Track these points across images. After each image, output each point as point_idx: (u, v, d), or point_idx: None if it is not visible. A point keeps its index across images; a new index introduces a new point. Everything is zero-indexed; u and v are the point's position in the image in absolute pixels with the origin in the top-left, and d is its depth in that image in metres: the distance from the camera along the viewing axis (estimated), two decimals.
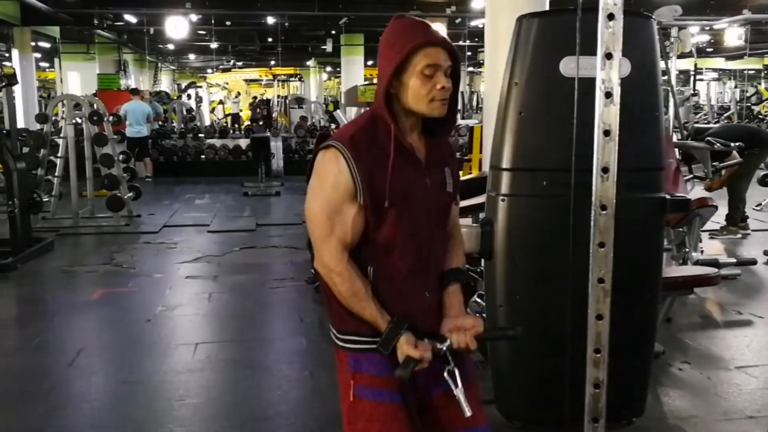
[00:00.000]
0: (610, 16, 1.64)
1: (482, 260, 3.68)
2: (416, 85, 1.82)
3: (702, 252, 6.35)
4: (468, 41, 21.34)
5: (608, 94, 1.68)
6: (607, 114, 1.71)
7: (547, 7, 5.82)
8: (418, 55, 1.81)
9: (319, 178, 1.88)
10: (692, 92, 9.61)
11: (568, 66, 3.01)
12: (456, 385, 1.84)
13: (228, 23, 20.89)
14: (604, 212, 1.79)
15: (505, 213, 3.13)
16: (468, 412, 1.81)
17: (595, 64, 2.46)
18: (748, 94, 26.00)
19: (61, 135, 9.59)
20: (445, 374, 1.86)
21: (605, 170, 1.74)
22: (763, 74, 31.71)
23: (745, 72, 30.92)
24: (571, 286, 2.95)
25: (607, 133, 1.70)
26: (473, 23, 18.96)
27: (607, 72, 1.68)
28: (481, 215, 4.95)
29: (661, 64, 3.42)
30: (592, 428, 1.94)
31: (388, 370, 1.86)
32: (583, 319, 2.68)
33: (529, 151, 3.13)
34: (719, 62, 27.71)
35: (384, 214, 1.85)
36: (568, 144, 3.08)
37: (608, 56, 1.66)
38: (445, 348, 1.85)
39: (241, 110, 26.97)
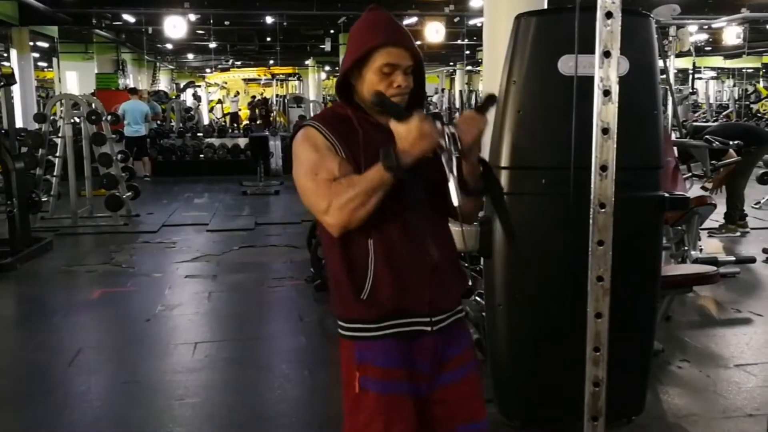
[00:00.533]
0: (608, 15, 1.64)
1: (481, 259, 3.69)
2: (373, 80, 1.87)
3: (701, 250, 6.36)
4: (466, 40, 21.36)
5: (606, 93, 1.69)
6: (605, 112, 1.71)
7: (545, 6, 5.81)
8: (379, 53, 1.85)
9: (298, 155, 1.90)
10: (691, 91, 9.61)
11: (566, 64, 3.01)
12: (450, 170, 1.75)
13: (227, 23, 20.91)
14: (603, 210, 1.79)
15: None
16: (456, 202, 1.74)
17: (593, 62, 2.46)
18: (747, 93, 26.02)
19: (60, 134, 9.58)
20: (439, 151, 1.76)
21: (603, 168, 1.74)
22: (761, 73, 31.74)
23: (744, 71, 30.95)
24: (570, 285, 2.96)
25: (605, 131, 1.71)
26: (472, 22, 18.97)
27: (606, 70, 1.68)
28: (480, 214, 4.97)
29: (660, 63, 3.42)
30: (591, 427, 1.94)
31: (394, 361, 1.87)
32: (582, 317, 2.69)
33: (528, 149, 3.14)
34: (718, 61, 27.73)
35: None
36: (567, 142, 3.09)
37: (606, 54, 1.66)
38: (447, 128, 1.75)
39: (240, 109, 26.98)
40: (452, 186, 1.74)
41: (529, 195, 3.12)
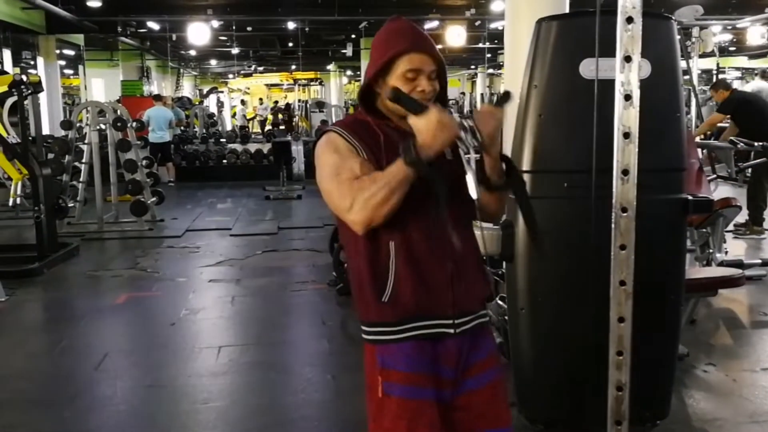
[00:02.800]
0: (629, 19, 1.64)
1: (504, 263, 3.69)
2: (397, 86, 1.88)
3: (726, 252, 6.28)
4: (488, 43, 21.31)
5: (627, 97, 1.68)
6: (626, 116, 1.71)
7: (567, 10, 5.80)
8: (402, 59, 1.87)
9: (320, 159, 1.92)
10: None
11: (587, 68, 3.01)
12: (468, 150, 1.77)
13: (249, 29, 21.04)
14: (625, 214, 1.79)
15: None
16: (476, 195, 1.76)
17: (614, 66, 2.45)
18: None
19: (86, 141, 9.71)
20: (461, 132, 1.77)
21: (625, 172, 1.74)
22: None
23: None
24: (593, 289, 2.95)
25: (626, 135, 1.70)
26: (493, 25, 18.92)
27: (626, 74, 1.68)
28: (503, 217, 4.96)
29: (682, 64, 3.40)
30: (615, 431, 1.93)
31: (417, 366, 1.87)
32: (605, 321, 2.68)
33: (549, 153, 3.13)
34: (742, 61, 27.38)
35: None
36: (589, 146, 3.09)
37: (627, 59, 1.66)
38: (465, 122, 1.77)
39: (252, 117, 27.24)
40: (471, 179, 1.75)
41: (551, 198, 3.11)
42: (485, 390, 1.96)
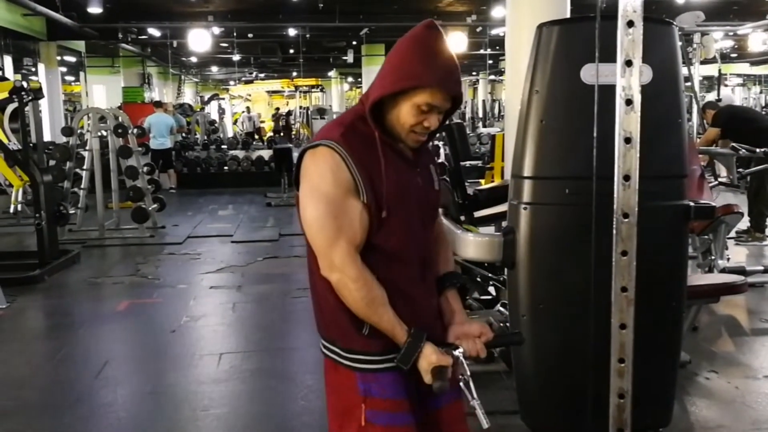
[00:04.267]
0: (630, 23, 1.64)
1: (505, 269, 3.67)
2: (406, 113, 1.78)
3: (728, 259, 6.27)
4: (489, 49, 21.34)
5: (629, 102, 1.68)
6: (627, 121, 1.70)
7: (568, 15, 5.80)
8: (424, 92, 1.75)
9: (313, 178, 1.75)
10: (717, 98, 9.50)
11: (589, 74, 3.00)
12: (473, 396, 1.77)
13: (250, 35, 21.08)
14: (626, 220, 1.78)
15: (527, 221, 3.11)
16: (486, 424, 1.72)
17: (615, 71, 2.45)
18: None
19: (87, 148, 9.72)
20: (461, 384, 1.79)
21: (627, 178, 1.73)
22: None
23: None
24: (594, 296, 2.94)
25: (628, 140, 1.70)
26: (494, 32, 18.96)
27: (627, 79, 1.68)
28: (504, 224, 4.95)
29: (684, 71, 3.40)
30: None
31: (402, 392, 1.81)
32: (607, 328, 2.67)
33: (551, 159, 3.12)
34: (744, 67, 27.42)
35: (385, 217, 1.77)
36: (590, 152, 3.08)
37: (628, 63, 1.65)
38: (461, 356, 1.77)
39: (263, 122, 27.22)
40: (479, 410, 1.75)
41: (552, 205, 3.10)
42: (451, 408, 1.93)
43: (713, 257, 5.84)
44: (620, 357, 1.85)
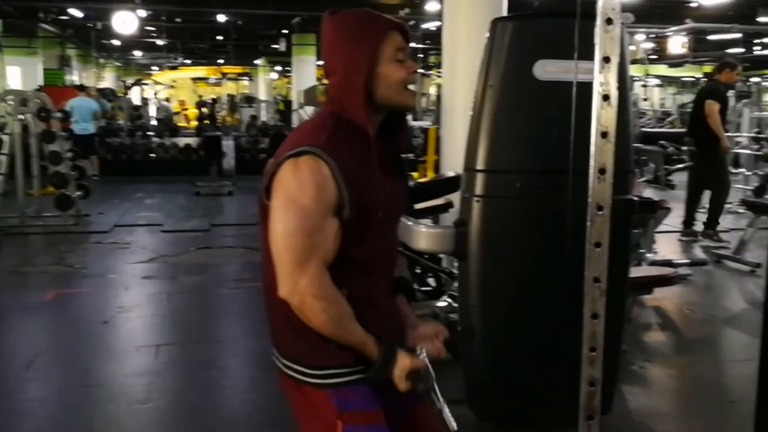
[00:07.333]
0: (609, 21, 1.67)
1: (455, 260, 3.71)
2: (392, 71, 1.70)
3: (656, 253, 6.50)
4: (421, 44, 21.46)
5: (606, 97, 1.71)
6: (604, 116, 1.74)
7: (504, 11, 5.84)
8: (385, 41, 1.70)
9: (291, 189, 1.63)
10: (644, 98, 9.80)
11: (542, 69, 3.06)
12: (439, 399, 1.74)
13: (178, 20, 20.55)
14: (601, 213, 1.82)
15: (480, 214, 3.15)
16: (454, 426, 1.70)
17: (566, 67, 2.49)
18: (688, 100, 26.74)
19: (7, 131, 9.29)
20: (428, 388, 1.75)
21: (602, 171, 1.77)
22: (701, 82, 32.65)
23: (685, 80, 31.81)
24: (545, 286, 3.00)
25: (604, 135, 1.74)
26: (425, 26, 19.06)
27: (605, 75, 1.71)
28: (444, 216, 4.99)
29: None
30: (587, 426, 1.97)
31: (375, 403, 1.76)
32: (553, 318, 2.73)
33: (503, 153, 3.16)
34: (662, 69, 28.45)
35: (369, 228, 1.70)
36: (541, 146, 3.14)
37: (606, 60, 1.69)
38: (425, 359, 1.75)
39: (186, 109, 26.65)
40: (447, 412, 1.74)
41: (504, 198, 3.14)
42: (420, 408, 1.91)
43: (642, 250, 6.04)
44: (592, 346, 1.90)
